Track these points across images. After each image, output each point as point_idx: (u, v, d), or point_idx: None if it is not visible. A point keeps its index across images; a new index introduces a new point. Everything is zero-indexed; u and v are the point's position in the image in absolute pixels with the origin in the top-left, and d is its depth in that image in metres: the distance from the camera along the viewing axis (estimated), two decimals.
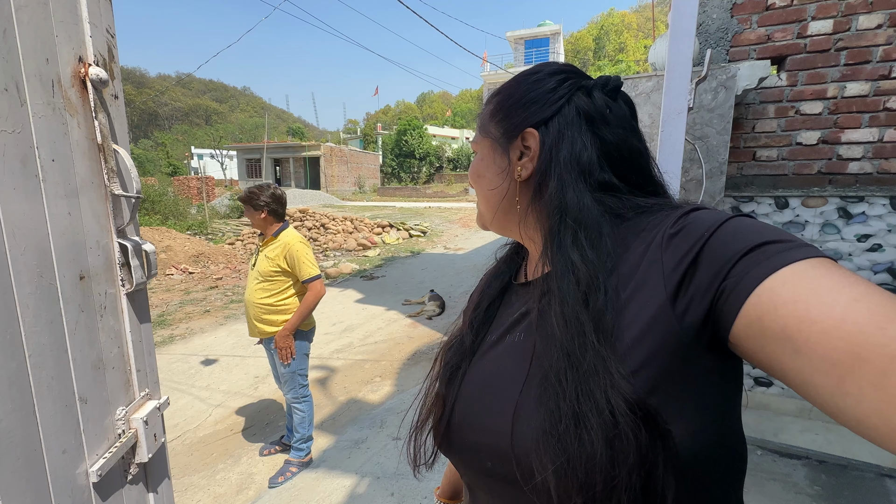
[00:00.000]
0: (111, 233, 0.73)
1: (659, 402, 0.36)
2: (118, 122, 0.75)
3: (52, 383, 0.59)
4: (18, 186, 0.54)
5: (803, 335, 0.29)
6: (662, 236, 0.40)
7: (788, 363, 0.30)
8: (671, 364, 0.37)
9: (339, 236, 10.74)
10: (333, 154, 30.54)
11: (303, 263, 2.22)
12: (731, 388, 0.40)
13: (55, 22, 0.62)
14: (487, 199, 0.54)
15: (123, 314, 0.76)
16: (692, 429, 0.37)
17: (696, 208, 0.41)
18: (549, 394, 0.39)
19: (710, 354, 0.37)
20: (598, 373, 0.37)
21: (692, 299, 0.36)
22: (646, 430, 0.35)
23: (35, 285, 0.57)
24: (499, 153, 0.52)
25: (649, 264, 0.39)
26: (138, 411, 0.78)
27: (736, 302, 0.33)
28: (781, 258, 0.32)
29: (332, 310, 5.59)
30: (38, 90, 0.58)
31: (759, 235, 0.35)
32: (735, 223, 0.37)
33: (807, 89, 2.17)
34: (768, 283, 0.32)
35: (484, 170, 0.54)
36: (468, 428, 0.48)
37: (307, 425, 2.43)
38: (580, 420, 0.36)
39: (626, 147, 0.48)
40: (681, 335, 0.36)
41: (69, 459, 0.62)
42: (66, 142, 0.63)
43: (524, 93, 0.50)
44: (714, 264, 0.35)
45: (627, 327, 0.38)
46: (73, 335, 0.63)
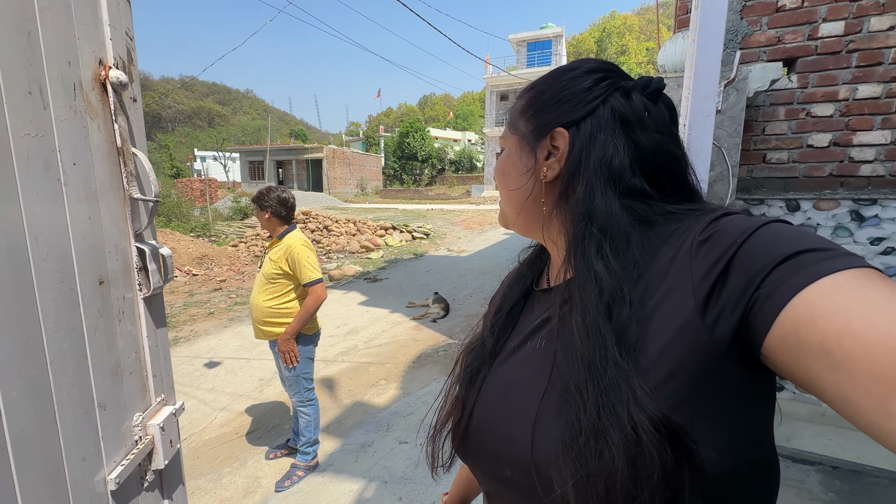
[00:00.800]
0: (129, 237, 0.72)
1: (686, 417, 0.35)
2: (136, 126, 0.74)
3: (72, 390, 0.58)
4: (41, 190, 0.54)
5: (844, 350, 0.28)
6: (692, 242, 0.38)
7: (826, 379, 0.29)
8: (700, 377, 0.35)
9: (341, 238, 10.75)
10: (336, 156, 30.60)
11: (304, 266, 2.19)
12: (763, 404, 0.38)
13: (77, 24, 0.61)
14: (511, 198, 0.52)
15: (141, 319, 0.75)
16: (721, 446, 0.35)
17: (728, 213, 0.40)
18: (569, 405, 0.38)
19: (741, 368, 0.35)
20: (620, 387, 0.35)
21: (723, 309, 0.34)
22: (671, 449, 0.33)
23: (56, 291, 0.56)
24: (526, 151, 0.50)
25: (678, 271, 0.38)
26: (155, 417, 0.77)
27: (770, 312, 0.31)
28: (820, 268, 0.31)
29: (337, 312, 5.58)
30: (61, 93, 0.57)
31: (796, 243, 0.33)
32: (770, 229, 0.35)
33: (818, 91, 2.16)
34: (806, 293, 0.30)
35: (510, 167, 0.52)
36: (488, 434, 0.47)
37: (313, 429, 2.42)
38: (600, 435, 0.35)
39: (663, 153, 0.46)
40: (711, 347, 0.34)
41: (88, 467, 0.61)
42: (86, 145, 0.62)
43: (558, 90, 0.48)
44: (747, 272, 0.34)
45: (654, 338, 0.37)
46: (93, 341, 0.63)
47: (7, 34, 0.49)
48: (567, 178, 0.46)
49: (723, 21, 0.60)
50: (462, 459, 0.53)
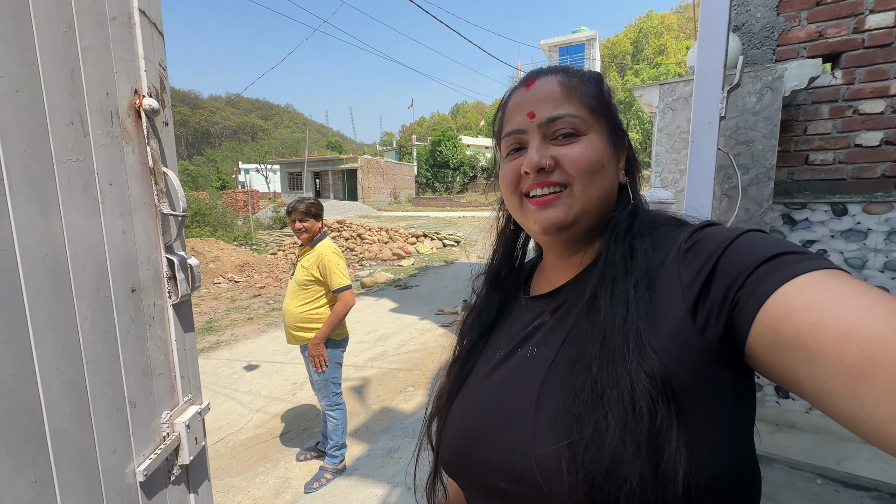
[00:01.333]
0: (160, 248, 0.79)
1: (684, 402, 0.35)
2: (168, 147, 0.81)
3: (105, 388, 0.64)
4: (80, 209, 0.60)
5: (817, 341, 0.29)
6: (678, 250, 0.41)
7: (803, 371, 0.30)
8: (691, 381, 0.36)
9: (374, 246, 10.98)
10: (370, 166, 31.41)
11: (334, 273, 2.28)
12: (748, 408, 0.39)
13: (115, 59, 0.68)
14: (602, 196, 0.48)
15: (170, 324, 0.82)
16: (713, 450, 0.35)
17: (709, 224, 0.42)
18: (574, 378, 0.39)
19: (728, 371, 0.36)
20: (629, 345, 0.37)
21: (711, 312, 0.36)
22: (662, 402, 0.34)
23: (93, 298, 0.62)
24: (613, 149, 0.49)
25: (667, 278, 0.40)
26: (181, 415, 0.83)
27: (751, 310, 0.33)
28: (796, 268, 0.32)
29: (367, 318, 5.70)
30: (99, 122, 0.64)
31: (773, 247, 0.35)
32: (750, 237, 0.37)
33: (866, 87, 2.01)
34: (783, 290, 0.32)
35: (607, 162, 0.48)
36: (479, 446, 0.45)
37: (341, 432, 2.49)
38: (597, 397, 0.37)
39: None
40: (703, 350, 0.36)
41: (119, 459, 0.67)
42: (122, 166, 0.69)
43: (609, 95, 0.51)
44: (729, 276, 0.35)
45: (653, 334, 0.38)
46: (125, 344, 0.69)
47: (53, 74, 0.56)
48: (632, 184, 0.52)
49: (724, 25, 0.59)
50: (448, 474, 0.51)
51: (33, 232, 0.52)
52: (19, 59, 0.51)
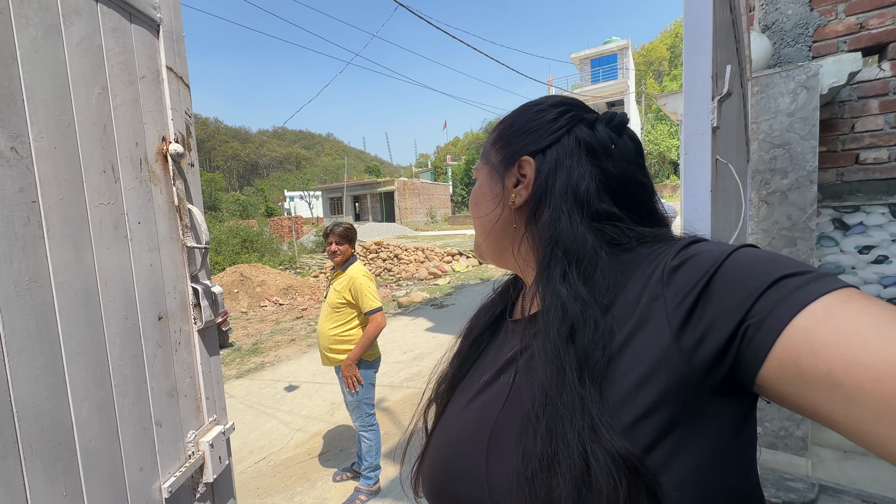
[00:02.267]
0: (186, 278, 0.86)
1: (667, 453, 0.34)
2: (193, 186, 0.89)
3: (132, 409, 0.70)
4: (111, 246, 0.68)
5: (855, 381, 0.27)
6: (663, 270, 0.38)
7: (839, 411, 0.28)
8: (679, 411, 0.34)
9: (411, 266, 11.15)
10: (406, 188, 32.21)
11: (365, 296, 2.35)
12: (746, 437, 0.36)
13: (144, 112, 0.77)
14: (481, 224, 0.55)
15: (195, 348, 0.88)
16: (704, 483, 0.34)
17: (697, 240, 0.40)
18: (525, 433, 0.38)
19: (722, 399, 0.34)
20: (574, 414, 0.35)
21: (703, 337, 0.33)
22: (627, 480, 0.32)
23: (121, 326, 0.69)
24: (495, 180, 0.52)
25: (650, 301, 0.37)
26: (206, 435, 0.89)
27: (765, 342, 0.31)
28: (806, 292, 0.30)
29: (404, 338, 5.75)
30: (129, 168, 0.73)
31: (775, 267, 0.33)
32: (743, 254, 0.35)
33: None
34: (799, 321, 0.30)
35: (480, 197, 0.55)
36: (453, 478, 0.45)
37: (374, 454, 2.50)
38: (551, 462, 0.35)
39: (630, 180, 0.47)
40: (689, 377, 0.34)
41: (145, 476, 0.72)
42: (150, 206, 0.77)
43: (525, 122, 0.51)
44: (728, 300, 0.33)
45: (628, 371, 0.36)
46: (152, 367, 0.75)
47: (88, 131, 0.64)
48: (535, 203, 0.48)
49: (709, 39, 0.58)
50: (427, 498, 0.50)
51: (67, 269, 0.59)
52: (58, 121, 0.59)
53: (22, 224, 0.53)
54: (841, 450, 2.06)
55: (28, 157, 0.54)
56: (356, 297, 2.38)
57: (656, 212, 0.49)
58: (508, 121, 0.53)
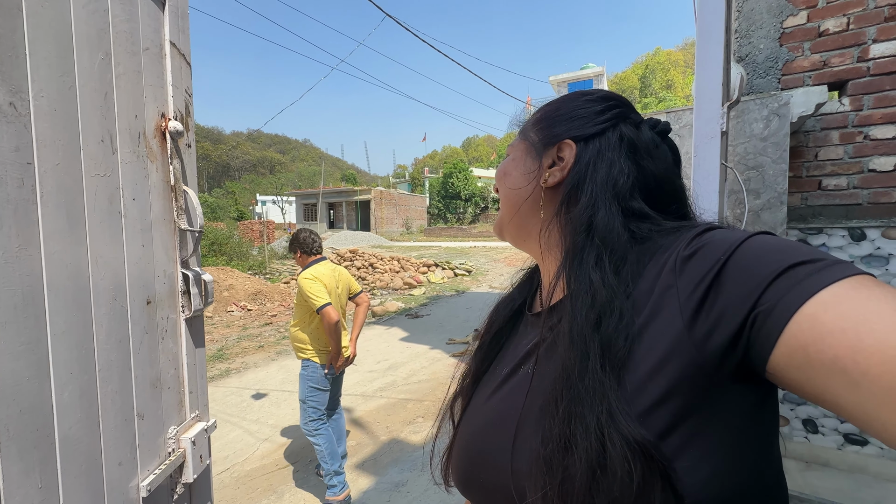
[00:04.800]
0: (176, 263, 0.82)
1: (682, 440, 0.34)
2: (189, 167, 0.85)
3: (115, 398, 0.65)
4: (104, 221, 0.63)
5: (860, 367, 0.27)
6: (676, 259, 0.38)
7: (846, 397, 0.28)
8: (693, 398, 0.34)
9: (386, 275, 11.02)
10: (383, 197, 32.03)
11: (308, 297, 2.40)
12: (765, 423, 0.36)
13: (145, 85, 0.73)
14: (508, 198, 0.53)
15: (181, 338, 0.83)
16: (721, 469, 0.34)
17: (711, 227, 0.39)
18: (544, 416, 0.38)
19: (737, 385, 0.34)
20: (595, 398, 0.35)
21: (715, 325, 0.33)
22: (641, 464, 0.32)
23: (110, 307, 0.64)
24: (531, 156, 0.51)
25: (663, 290, 0.37)
26: (188, 431, 0.83)
27: (773, 330, 0.31)
28: (817, 279, 0.30)
29: (378, 347, 5.64)
30: (127, 141, 0.69)
31: (787, 255, 0.32)
32: (756, 242, 0.35)
33: (875, 113, 2.02)
34: (809, 308, 0.29)
35: (512, 169, 0.53)
36: (481, 466, 0.45)
37: (328, 459, 2.42)
38: (568, 443, 0.35)
39: (668, 181, 0.48)
40: (703, 365, 0.34)
41: (124, 472, 0.67)
42: (145, 183, 0.73)
43: (573, 108, 0.51)
44: (740, 288, 0.33)
45: (643, 359, 0.36)
46: (137, 354, 0.70)
47: (89, 96, 0.61)
48: (570, 187, 0.47)
49: (720, 45, 0.61)
50: (461, 493, 0.51)
51: (59, 240, 0.55)
52: (59, 82, 0.56)
53: (15, 186, 0.49)
54: (803, 461, 2.16)
55: (27, 116, 0.51)
56: (303, 298, 2.46)
57: (687, 207, 0.49)
58: (556, 104, 0.53)
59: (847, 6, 2.05)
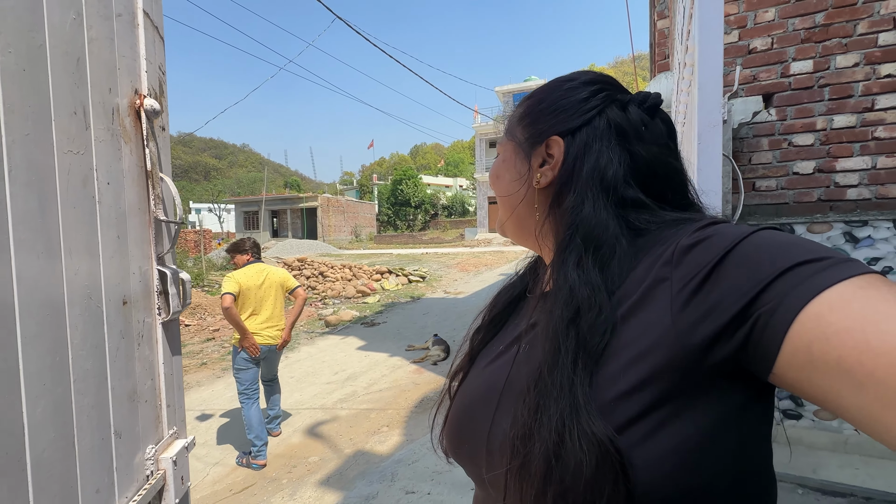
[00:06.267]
0: (152, 259, 0.72)
1: (648, 429, 0.34)
2: (164, 153, 0.76)
3: (91, 413, 0.56)
4: (78, 206, 0.54)
5: (866, 369, 0.26)
6: (674, 250, 0.37)
7: (849, 398, 0.28)
8: (669, 388, 0.34)
9: (337, 284, 10.67)
10: (330, 204, 31.11)
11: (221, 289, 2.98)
12: (751, 424, 0.36)
13: (118, 56, 0.65)
14: (503, 203, 0.53)
15: (158, 344, 0.73)
16: (687, 463, 0.34)
17: (716, 221, 0.38)
18: (518, 401, 0.40)
19: (721, 382, 0.34)
20: (562, 393, 0.36)
21: (704, 316, 0.33)
22: (597, 458, 0.33)
23: (84, 307, 0.55)
24: (520, 158, 0.50)
25: (657, 282, 0.37)
26: (167, 450, 0.73)
27: (778, 330, 0.30)
28: (823, 278, 0.29)
29: (334, 357, 5.42)
30: (101, 116, 0.60)
31: (792, 252, 0.31)
32: (762, 236, 0.34)
33: (797, 122, 2.28)
34: (813, 308, 0.29)
35: (503, 171, 0.52)
36: (468, 436, 0.47)
37: (250, 425, 2.93)
38: (531, 432, 0.37)
39: (661, 164, 0.45)
40: (686, 353, 0.33)
41: (101, 500, 0.57)
42: (119, 167, 0.64)
43: (556, 99, 0.48)
44: (742, 282, 0.32)
45: (624, 347, 0.36)
46: (114, 362, 0.61)
47: (60, 59, 0.52)
48: (560, 185, 0.46)
49: (720, 35, 0.65)
50: (455, 461, 0.51)
51: (29, 224, 0.46)
52: (28, 38, 0.47)
53: None
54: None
55: None
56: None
57: (687, 196, 0.47)
58: (537, 96, 0.51)
59: (771, 28, 2.31)
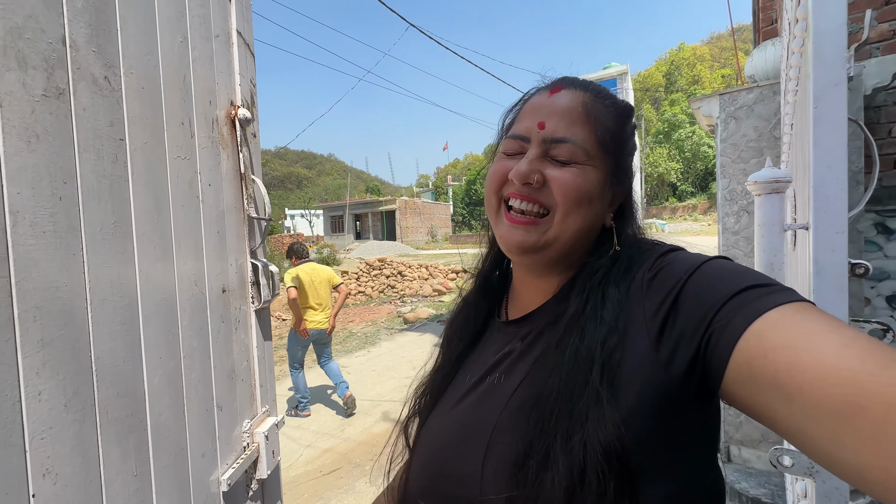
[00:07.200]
0: (246, 253, 0.80)
1: (645, 456, 0.34)
2: (255, 157, 0.85)
3: (198, 386, 0.63)
4: (185, 204, 0.62)
5: (795, 382, 0.28)
6: (641, 281, 0.40)
7: (781, 411, 0.29)
8: (656, 414, 0.35)
9: (414, 283, 11.05)
10: (407, 207, 32.35)
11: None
12: (712, 437, 0.39)
13: (216, 72, 0.73)
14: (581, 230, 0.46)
15: (252, 330, 0.82)
16: (681, 485, 0.36)
17: (672, 249, 0.42)
18: (527, 426, 0.38)
19: (694, 403, 0.36)
20: (587, 413, 0.35)
21: (677, 346, 0.35)
22: (616, 478, 0.33)
23: (191, 293, 0.63)
24: (608, 189, 0.46)
25: (633, 306, 0.39)
26: (260, 426, 0.81)
27: (725, 348, 0.32)
28: (764, 302, 0.32)
29: (412, 353, 5.62)
30: (203, 126, 0.68)
31: (740, 279, 0.34)
32: (713, 266, 0.37)
33: None
34: (755, 327, 0.31)
35: (596, 198, 0.45)
36: (444, 479, 0.44)
37: (295, 388, 3.82)
38: (548, 460, 0.35)
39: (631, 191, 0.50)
40: (668, 384, 0.35)
41: (206, 464, 0.65)
42: (218, 170, 0.72)
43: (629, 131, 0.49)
44: (696, 310, 0.34)
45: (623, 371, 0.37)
46: (216, 343, 0.69)
47: (171, 77, 0.60)
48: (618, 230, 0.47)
49: None
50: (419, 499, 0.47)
51: (147, 219, 0.54)
52: (146, 60, 0.55)
53: (110, 161, 0.48)
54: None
55: (119, 91, 0.50)
56: None
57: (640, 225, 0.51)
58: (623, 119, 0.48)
59: None
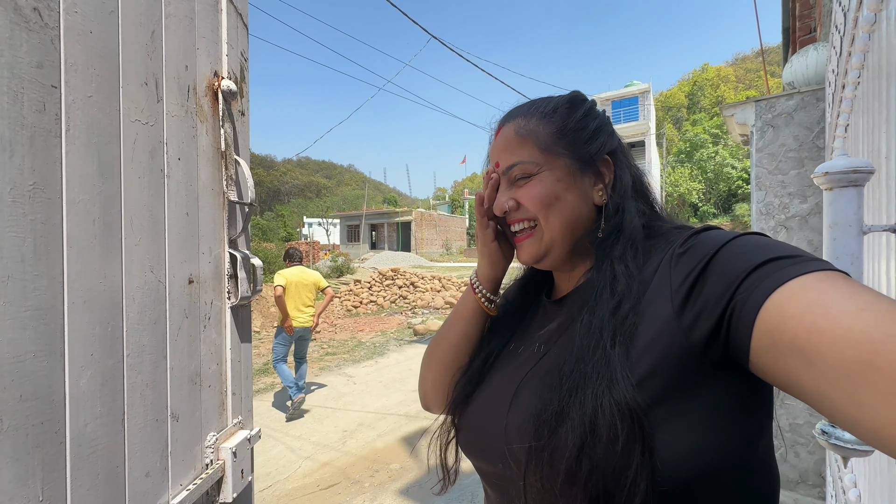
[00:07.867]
0: (223, 242, 0.71)
1: (662, 414, 0.36)
2: (242, 136, 0.76)
3: (145, 391, 0.53)
4: (143, 176, 0.53)
5: (813, 346, 0.29)
6: (672, 255, 0.42)
7: (803, 377, 0.30)
8: (677, 378, 0.37)
9: (427, 294, 10.93)
10: (423, 219, 32.43)
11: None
12: (754, 415, 0.38)
13: (198, 37, 0.65)
14: (566, 224, 0.50)
15: (226, 329, 0.72)
16: (699, 446, 0.36)
17: (707, 228, 0.43)
18: (546, 385, 0.42)
19: (723, 373, 0.36)
20: (598, 371, 0.38)
21: (700, 314, 0.36)
22: (628, 428, 0.35)
23: (144, 280, 0.53)
24: (578, 177, 0.50)
25: (660, 280, 0.41)
26: (229, 440, 0.70)
27: (748, 319, 0.33)
28: (788, 272, 0.32)
29: None
30: (175, 91, 0.59)
31: (766, 251, 0.35)
32: (743, 240, 0.38)
33: None
34: (776, 296, 0.32)
35: (563, 192, 0.50)
36: (481, 431, 0.49)
37: (283, 378, 4.01)
38: (563, 415, 0.38)
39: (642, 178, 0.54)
40: (688, 349, 0.36)
41: (151, 485, 0.54)
42: (193, 145, 0.63)
43: (592, 119, 0.52)
44: (722, 280, 0.36)
45: (639, 337, 0.39)
46: (175, 341, 0.59)
47: (132, 28, 0.52)
48: (614, 202, 0.50)
49: None
50: (467, 457, 0.53)
51: (85, 187, 0.45)
52: (98, 2, 0.47)
53: (34, 110, 0.39)
54: None
55: (55, 28, 0.41)
56: None
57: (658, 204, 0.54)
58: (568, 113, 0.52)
59: None
